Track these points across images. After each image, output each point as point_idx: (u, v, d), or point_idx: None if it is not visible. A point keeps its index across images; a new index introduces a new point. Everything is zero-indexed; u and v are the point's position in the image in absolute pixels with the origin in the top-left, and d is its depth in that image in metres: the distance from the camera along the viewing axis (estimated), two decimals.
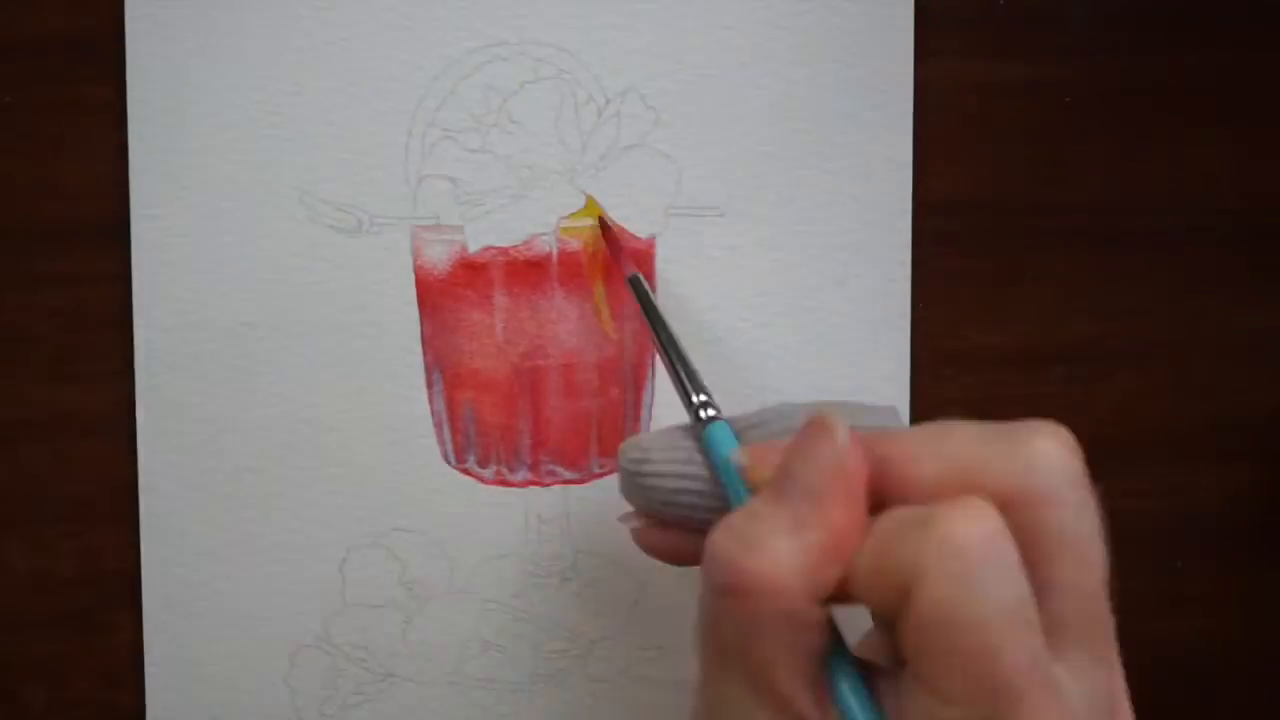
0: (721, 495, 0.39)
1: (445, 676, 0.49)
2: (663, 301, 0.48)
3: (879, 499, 0.33)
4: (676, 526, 0.41)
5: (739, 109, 0.48)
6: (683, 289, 0.48)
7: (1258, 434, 0.52)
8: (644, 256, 0.48)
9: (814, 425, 0.33)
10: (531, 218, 0.47)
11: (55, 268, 0.47)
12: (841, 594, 0.32)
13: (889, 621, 0.32)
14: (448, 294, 0.47)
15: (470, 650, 0.49)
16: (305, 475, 0.48)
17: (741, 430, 0.40)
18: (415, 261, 0.47)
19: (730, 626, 0.32)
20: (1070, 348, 0.51)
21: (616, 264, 0.46)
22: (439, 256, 0.47)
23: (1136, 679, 0.54)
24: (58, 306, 0.47)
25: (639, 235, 0.48)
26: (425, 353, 0.48)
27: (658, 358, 0.48)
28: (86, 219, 0.47)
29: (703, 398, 0.40)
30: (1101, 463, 0.52)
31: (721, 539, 0.32)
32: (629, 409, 0.48)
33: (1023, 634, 0.31)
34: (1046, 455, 0.33)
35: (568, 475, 0.48)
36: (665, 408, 0.49)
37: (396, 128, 0.47)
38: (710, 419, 0.40)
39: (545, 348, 0.48)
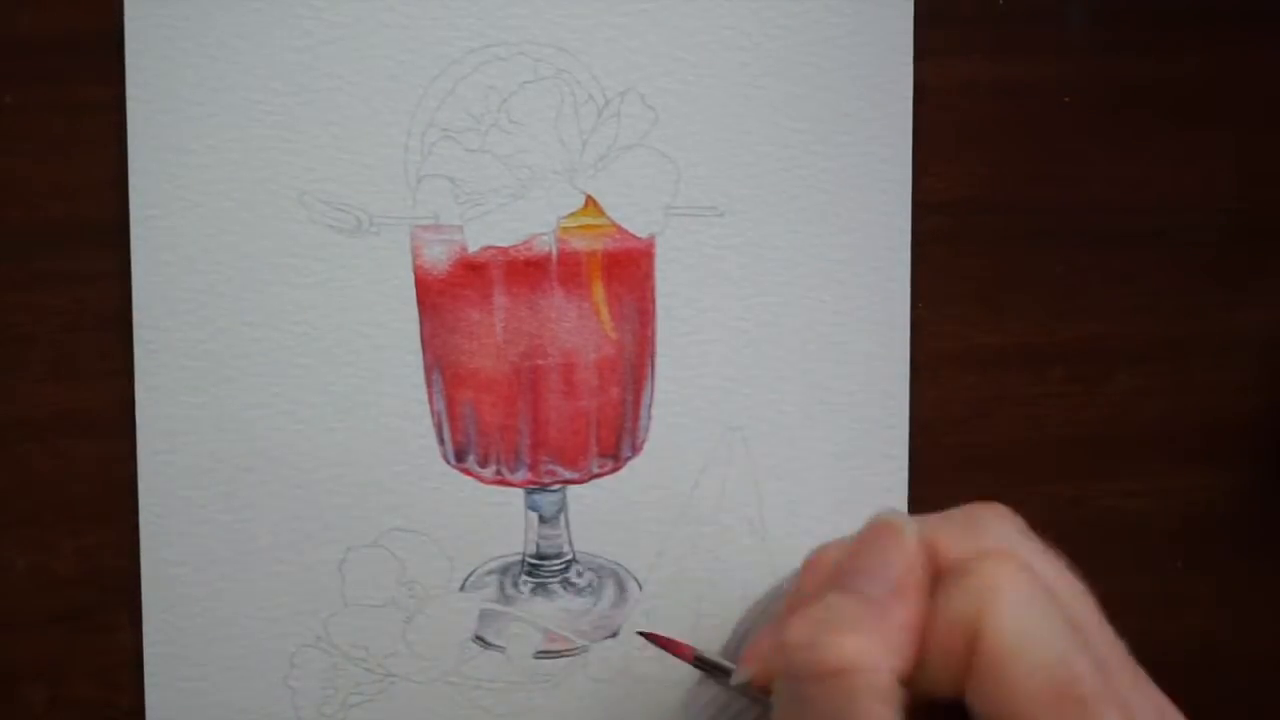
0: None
1: (445, 676, 0.49)
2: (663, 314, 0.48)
3: None
4: None
5: (739, 109, 0.48)
6: (683, 289, 0.48)
7: (1256, 434, 0.52)
8: (644, 256, 0.48)
9: (881, 526, 0.35)
10: (531, 218, 0.47)
11: (55, 268, 0.47)
12: (912, 680, 0.33)
13: (947, 698, 0.33)
14: (447, 294, 0.47)
15: (470, 650, 0.49)
16: (305, 475, 0.48)
17: (733, 651, 0.41)
18: (415, 261, 0.47)
19: (823, 712, 0.33)
20: (1070, 348, 0.51)
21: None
22: (439, 256, 0.47)
23: None
24: (58, 306, 0.47)
25: (639, 235, 0.48)
26: (425, 353, 0.48)
27: (657, 358, 0.48)
28: (86, 219, 0.47)
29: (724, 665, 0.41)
30: (1101, 463, 0.52)
31: (804, 627, 0.34)
32: (629, 408, 0.48)
33: (1084, 648, 0.32)
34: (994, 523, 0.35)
35: (568, 475, 0.48)
36: (665, 407, 0.49)
37: (396, 128, 0.47)
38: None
39: (545, 347, 0.48)
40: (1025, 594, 0.32)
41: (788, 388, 0.49)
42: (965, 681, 0.33)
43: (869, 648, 0.33)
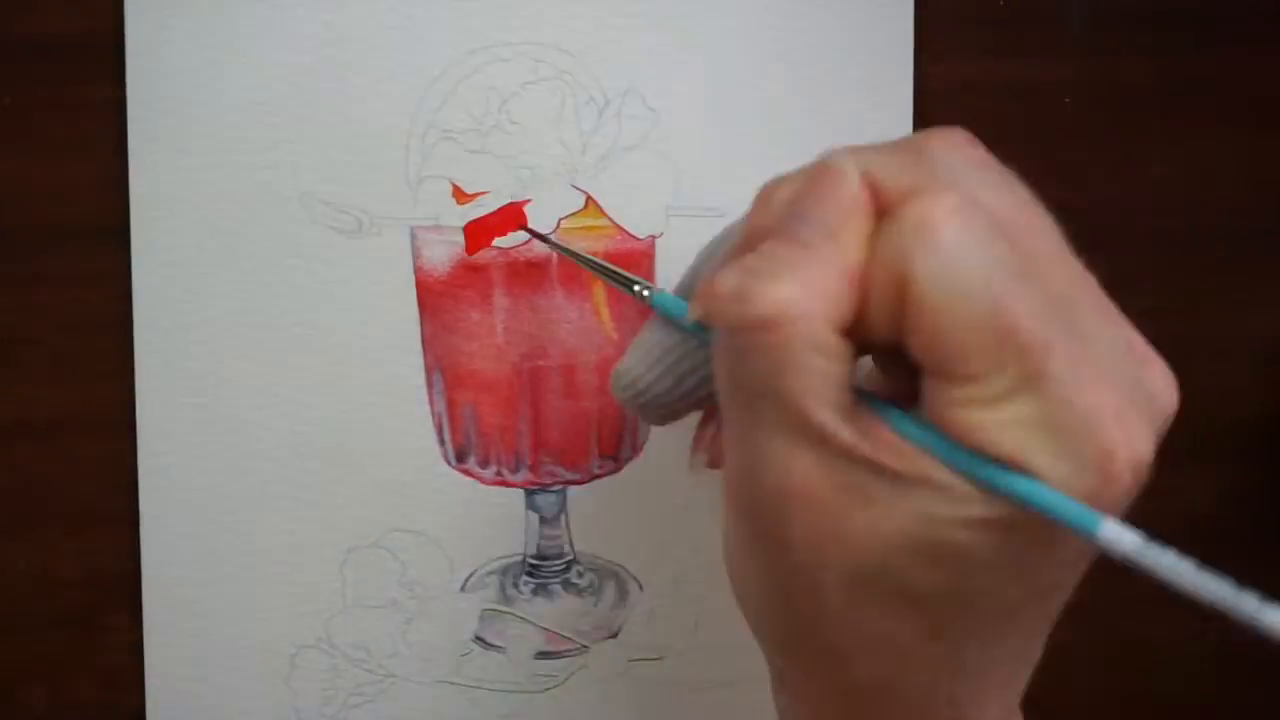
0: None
1: (445, 676, 0.49)
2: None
3: None
4: (712, 416, 0.39)
5: (739, 109, 0.48)
6: None
7: (1256, 434, 0.52)
8: (644, 257, 0.48)
9: (822, 169, 0.33)
10: (532, 218, 0.47)
11: (55, 268, 0.47)
12: (856, 333, 0.32)
13: (896, 345, 0.31)
14: (448, 294, 0.47)
15: (470, 650, 0.49)
16: (305, 475, 0.48)
17: (686, 289, 0.39)
18: (415, 262, 0.47)
19: (757, 366, 0.31)
20: None
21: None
22: (439, 257, 0.47)
23: (1137, 679, 0.54)
24: (58, 306, 0.47)
25: (639, 235, 0.48)
26: (425, 353, 0.48)
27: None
28: (86, 219, 0.47)
29: (641, 281, 0.41)
30: None
31: (733, 276, 0.32)
32: None
33: (1027, 286, 0.30)
34: (941, 149, 0.33)
35: (568, 475, 0.48)
36: None
37: (396, 128, 0.47)
38: (651, 294, 0.40)
39: (545, 348, 0.48)
40: (959, 234, 0.30)
41: None
42: (902, 331, 0.31)
43: (800, 295, 0.31)
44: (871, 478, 0.31)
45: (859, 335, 0.32)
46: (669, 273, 0.48)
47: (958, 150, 0.33)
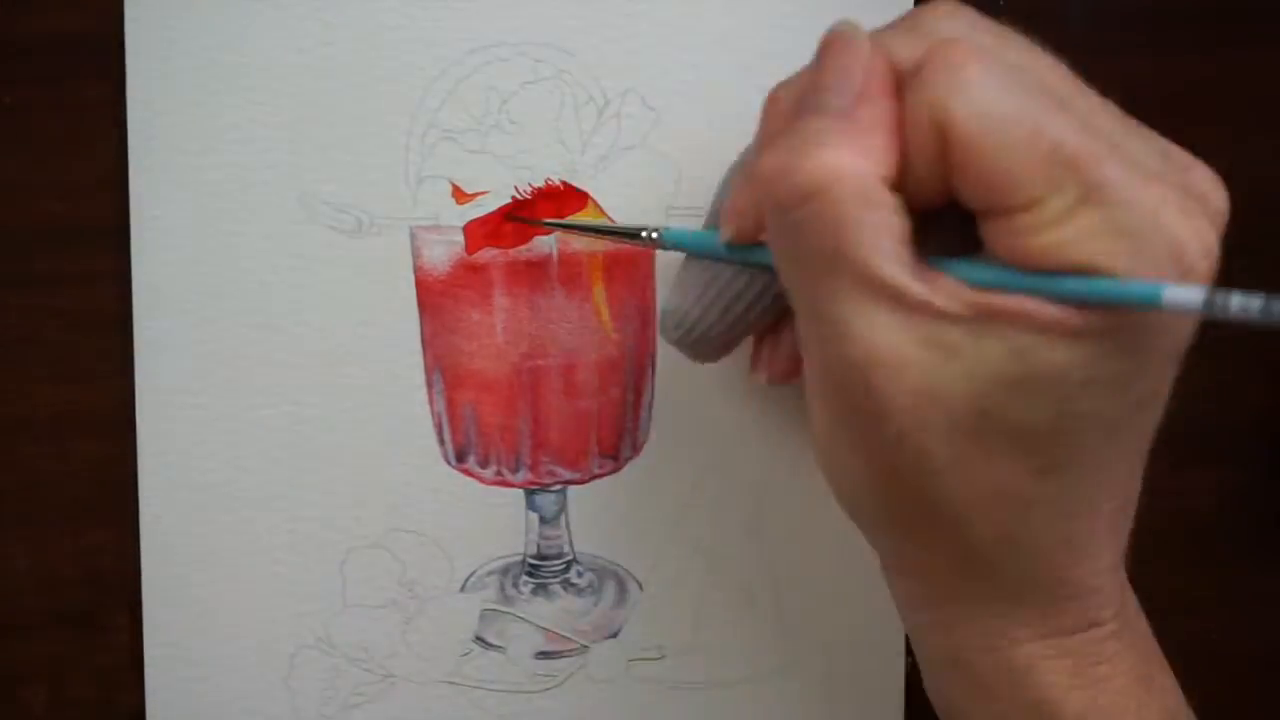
0: (759, 278, 0.39)
1: (445, 676, 0.49)
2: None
3: None
4: (766, 333, 0.41)
5: (739, 109, 0.48)
6: None
7: (1256, 435, 0.52)
8: (644, 257, 0.48)
9: (831, 40, 0.34)
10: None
11: (55, 268, 0.47)
12: (903, 187, 0.32)
13: (944, 200, 0.32)
14: (448, 294, 0.47)
15: (470, 650, 0.49)
16: (305, 475, 0.48)
17: (715, 219, 0.40)
18: (415, 262, 0.47)
19: (817, 235, 0.32)
20: None
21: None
22: (439, 257, 0.47)
23: None
24: (58, 306, 0.47)
25: None
26: (425, 353, 0.48)
27: (657, 359, 0.48)
28: (86, 219, 0.47)
29: (646, 227, 0.42)
30: None
31: (776, 155, 0.32)
32: (629, 409, 0.48)
33: (1065, 111, 0.31)
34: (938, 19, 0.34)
35: (568, 475, 0.48)
36: (665, 407, 0.49)
37: (396, 128, 0.47)
38: (660, 233, 0.42)
39: (545, 348, 0.48)
40: (984, 72, 0.31)
41: (787, 388, 0.49)
42: (950, 178, 0.32)
43: (845, 157, 0.31)
44: (950, 328, 0.31)
45: (907, 196, 0.32)
46: (669, 272, 0.48)
47: (952, 16, 0.34)
